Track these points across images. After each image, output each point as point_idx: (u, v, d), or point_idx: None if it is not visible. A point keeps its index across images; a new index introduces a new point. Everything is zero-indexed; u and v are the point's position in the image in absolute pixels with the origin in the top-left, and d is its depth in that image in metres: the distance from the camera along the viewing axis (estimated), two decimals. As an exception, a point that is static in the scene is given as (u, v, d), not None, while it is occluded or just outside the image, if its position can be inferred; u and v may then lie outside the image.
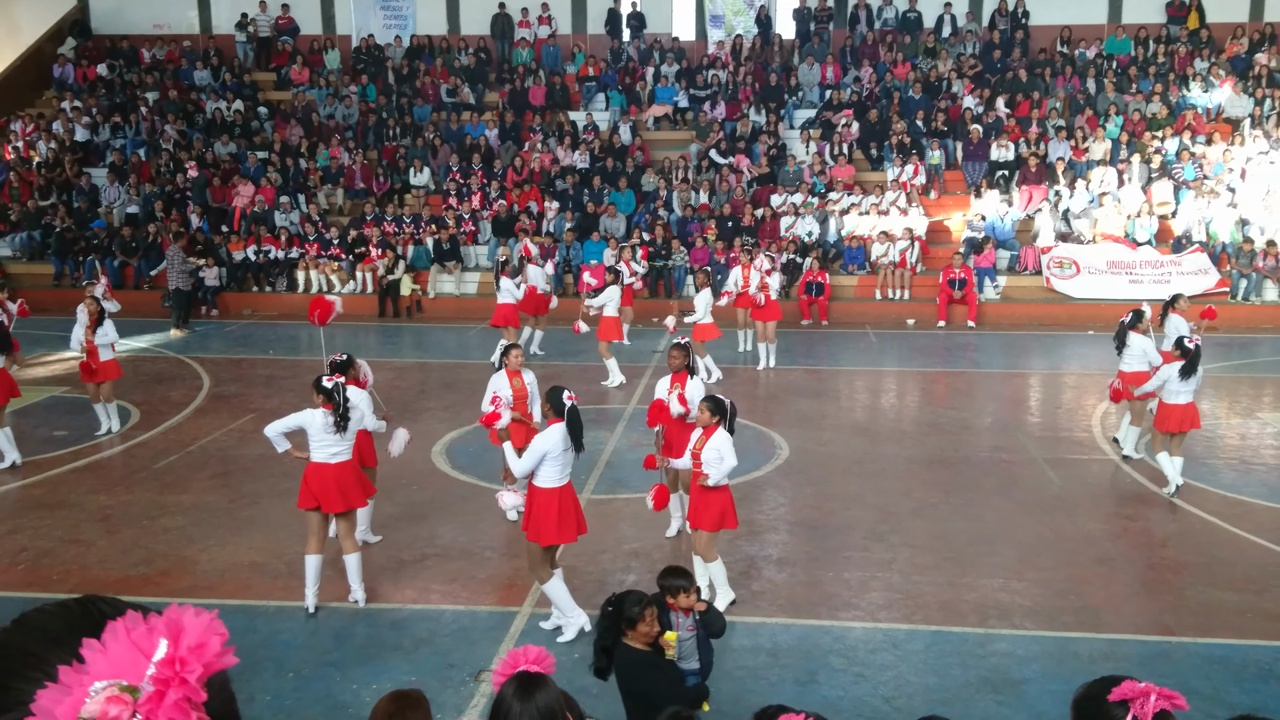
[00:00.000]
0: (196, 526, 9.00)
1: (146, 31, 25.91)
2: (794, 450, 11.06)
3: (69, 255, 20.40)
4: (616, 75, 23.97)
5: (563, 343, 16.19)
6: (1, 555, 8.40)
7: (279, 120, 23.51)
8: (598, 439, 11.45)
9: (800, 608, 7.43)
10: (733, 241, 19.38)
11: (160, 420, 12.28)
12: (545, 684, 2.80)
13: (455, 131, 22.83)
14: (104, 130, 23.43)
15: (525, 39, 24.90)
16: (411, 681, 6.17)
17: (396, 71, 24.45)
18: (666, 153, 22.25)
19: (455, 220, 20.57)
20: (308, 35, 25.47)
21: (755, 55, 24.00)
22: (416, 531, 8.92)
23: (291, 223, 20.65)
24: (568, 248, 19.96)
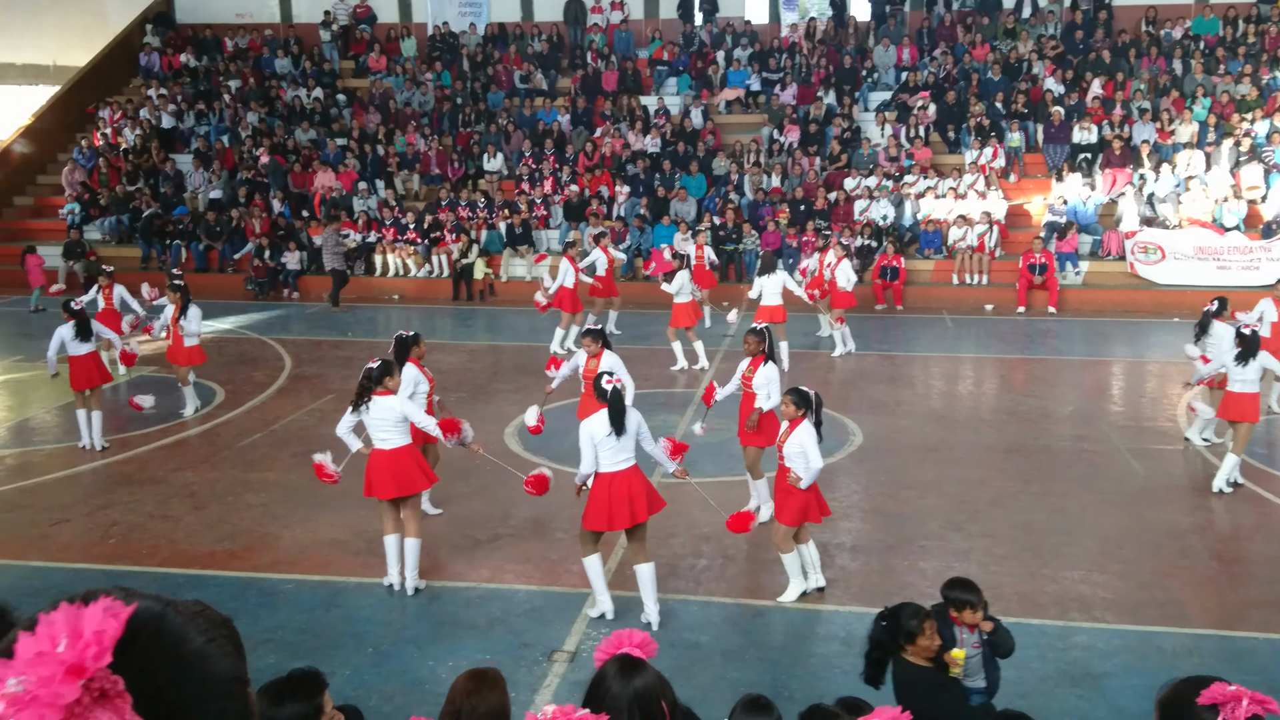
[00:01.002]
0: (279, 504, 9.21)
1: (229, 20, 26.45)
2: (868, 437, 10.96)
3: (155, 239, 20.96)
4: (689, 59, 23.88)
5: (636, 325, 16.23)
6: (93, 529, 8.70)
7: (357, 107, 23.86)
8: (668, 423, 11.46)
9: (875, 596, 7.35)
10: (805, 225, 19.22)
11: (244, 400, 12.58)
12: (645, 669, 2.83)
13: (528, 117, 22.96)
14: (189, 117, 24.00)
15: (598, 24, 24.92)
16: (486, 660, 6.26)
17: (471, 58, 24.65)
18: (738, 136, 22.11)
19: (527, 205, 20.71)
20: (385, 23, 25.78)
21: (829, 38, 23.72)
22: (489, 511, 9.03)
23: (369, 208, 20.97)
24: (639, 232, 19.98)
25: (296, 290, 20.01)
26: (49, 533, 8.65)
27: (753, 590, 7.46)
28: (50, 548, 8.33)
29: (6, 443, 11.26)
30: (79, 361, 10.44)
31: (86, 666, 0.79)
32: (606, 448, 6.77)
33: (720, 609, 7.24)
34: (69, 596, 0.88)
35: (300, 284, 20.08)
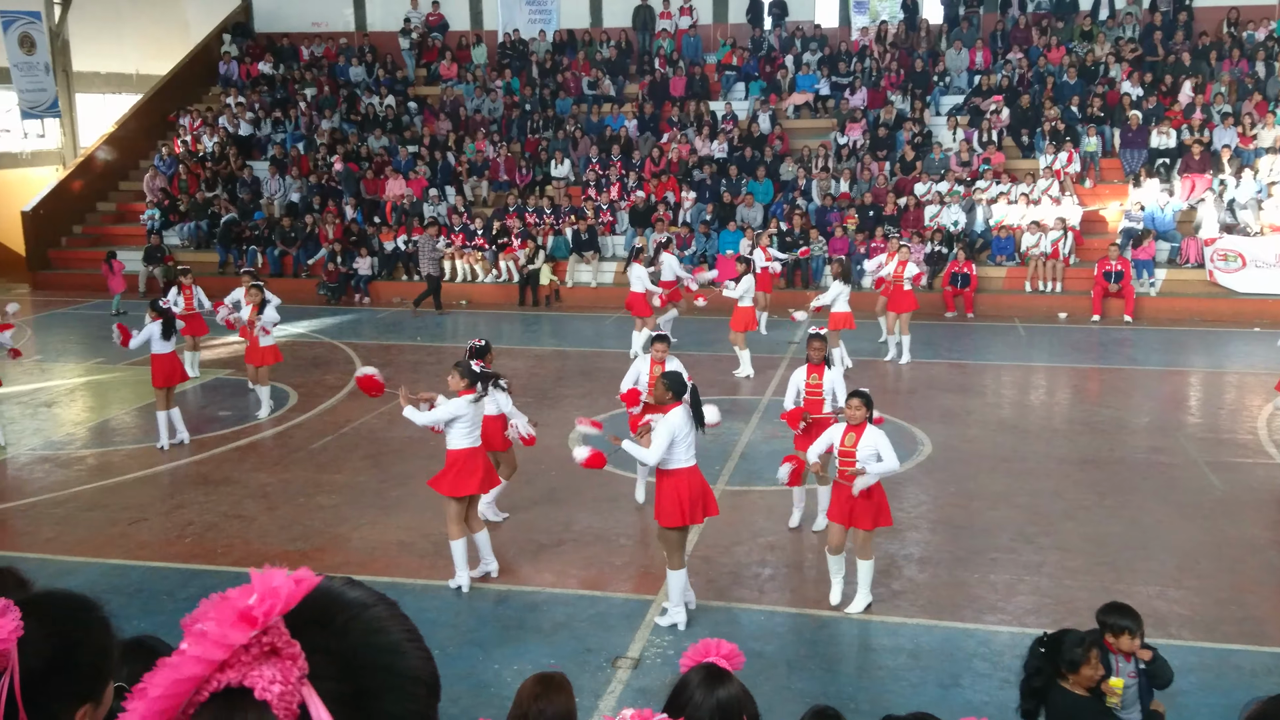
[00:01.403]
0: (349, 505, 9.36)
1: (305, 30, 26.99)
2: (937, 446, 10.81)
3: (232, 244, 21.45)
4: (757, 64, 23.81)
5: (698, 332, 16.20)
6: (170, 528, 8.92)
7: (428, 114, 24.19)
8: (732, 430, 11.42)
9: (943, 609, 7.26)
10: (874, 231, 19.04)
11: (316, 403, 12.81)
12: (730, 680, 2.80)
13: (595, 123, 23.07)
14: (265, 125, 24.53)
15: (666, 30, 24.96)
16: (550, 664, 6.29)
17: (540, 65, 24.85)
18: (806, 141, 21.98)
19: (594, 211, 20.80)
20: (456, 31, 26.11)
21: (900, 41, 23.48)
22: (554, 516, 9.08)
23: (439, 214, 21.24)
24: (705, 238, 19.96)
25: (367, 295, 20.33)
26: (127, 531, 8.88)
27: (818, 600, 7.39)
28: (129, 545, 8.56)
29: (87, 443, 11.60)
30: (161, 360, 10.75)
31: (257, 617, 0.82)
32: (684, 443, 6.80)
33: (785, 618, 7.19)
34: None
35: (371, 289, 20.39)
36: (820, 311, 13.61)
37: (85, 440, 11.71)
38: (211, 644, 0.80)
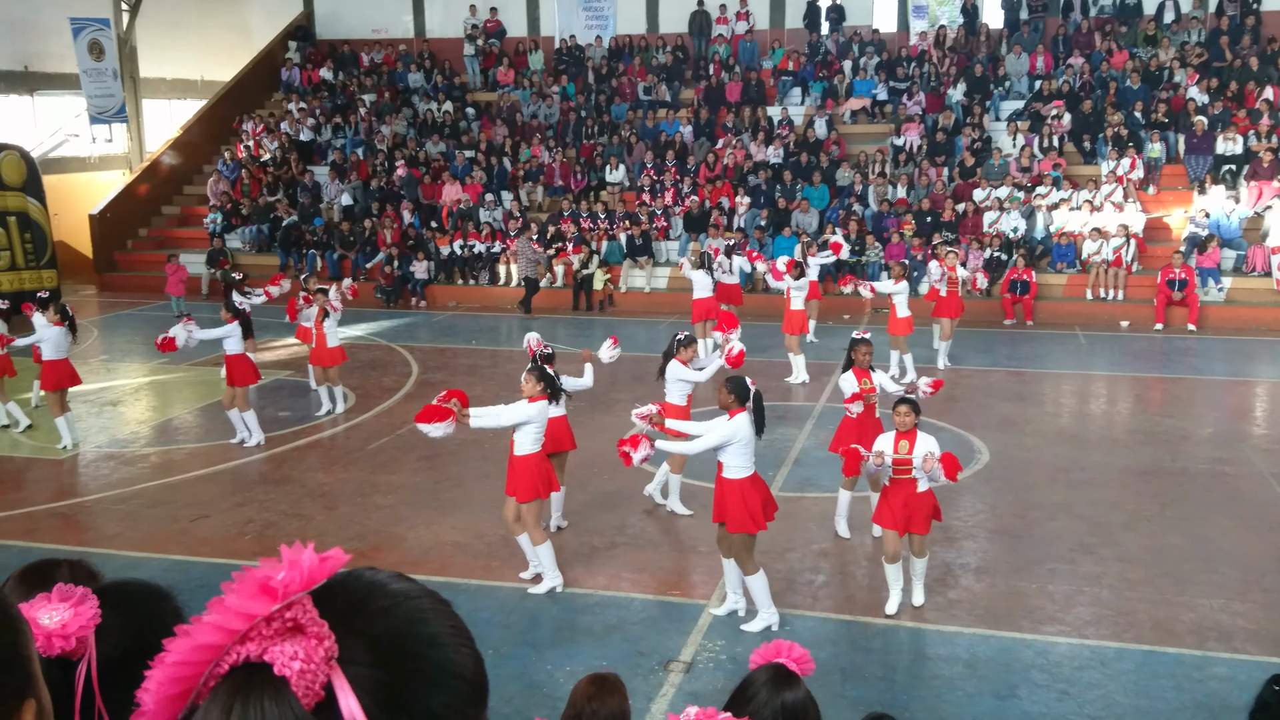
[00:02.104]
0: (405, 505, 9.47)
1: (365, 36, 27.37)
2: (994, 455, 10.67)
3: (292, 248, 21.80)
4: (813, 69, 23.71)
5: (753, 338, 16.11)
6: (231, 525, 9.08)
7: (485, 120, 24.40)
8: (786, 436, 11.39)
9: (1000, 619, 7.17)
10: (931, 237, 18.86)
11: (373, 404, 12.97)
12: (798, 684, 2.76)
13: (651, 129, 23.12)
14: (326, 130, 24.91)
15: (722, 35, 24.95)
16: (603, 665, 6.30)
17: (596, 71, 24.96)
18: (863, 146, 21.84)
19: (648, 216, 20.84)
20: (514, 37, 26.33)
21: (960, 46, 23.25)
22: (608, 519, 9.10)
23: (495, 219, 21.41)
24: (759, 244, 19.90)
25: (424, 299, 20.54)
26: (189, 528, 9.06)
27: (872, 608, 7.33)
28: (190, 542, 8.73)
29: (151, 441, 11.85)
30: (237, 361, 10.97)
31: (278, 589, 0.80)
32: (745, 450, 6.79)
33: (839, 625, 7.15)
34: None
35: (427, 292, 20.61)
36: (874, 294, 13.65)
37: (149, 438, 11.97)
38: (232, 614, 0.79)
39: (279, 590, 0.80)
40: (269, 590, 0.79)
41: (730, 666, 6.56)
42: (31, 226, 20.32)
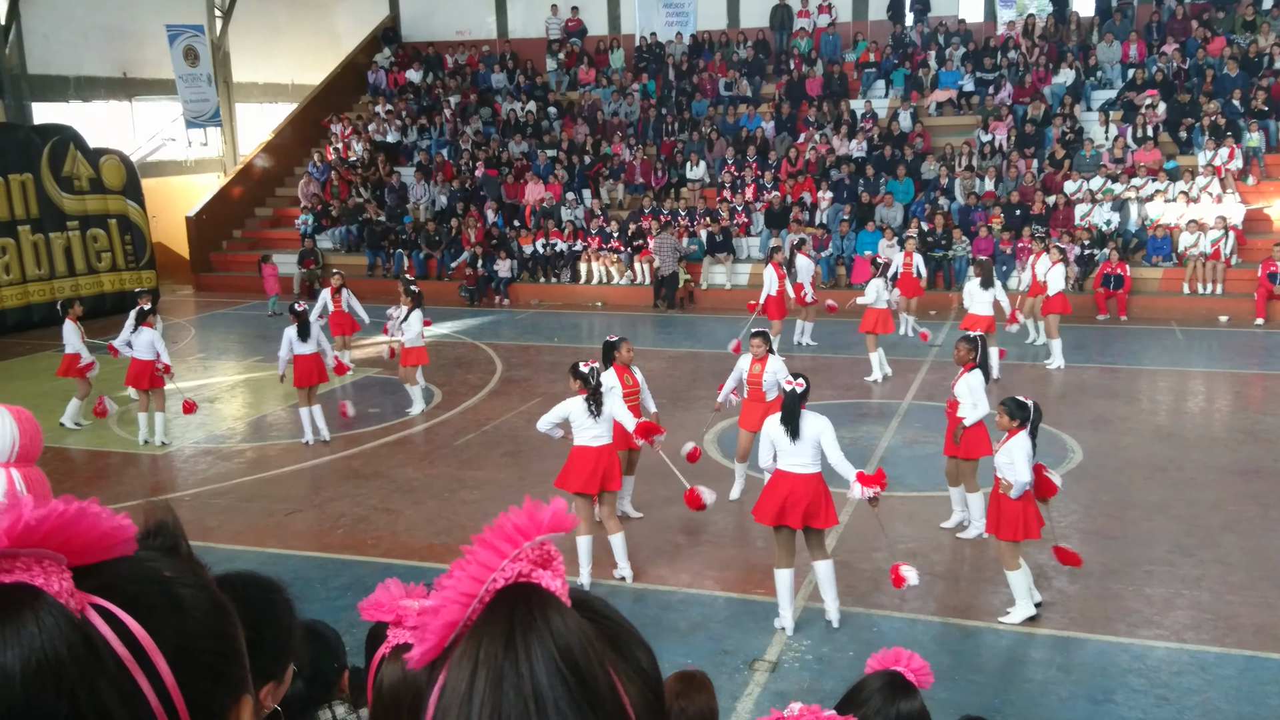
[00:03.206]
0: (490, 501, 9.59)
1: (450, 38, 27.76)
2: (1088, 454, 10.41)
3: (380, 248, 22.22)
4: (897, 61, 23.38)
5: (834, 334, 15.99)
6: (324, 519, 9.30)
7: (566, 119, 24.56)
8: (871, 434, 11.25)
9: (1096, 622, 6.99)
10: (1020, 231, 18.46)
11: (459, 401, 13.16)
12: (914, 695, 2.68)
13: (731, 125, 23.03)
14: (411, 132, 25.32)
15: (804, 29, 24.74)
16: (687, 664, 6.30)
17: (676, 67, 24.94)
18: (949, 139, 21.47)
19: (729, 212, 20.76)
20: (595, 36, 26.45)
21: (1049, 34, 22.71)
22: (690, 516, 9.08)
23: (576, 217, 21.55)
24: (841, 239, 19.71)
25: (507, 297, 20.76)
26: (284, 522, 9.30)
27: (961, 609, 7.22)
28: (285, 536, 8.96)
29: (246, 437, 12.19)
30: (300, 361, 11.21)
31: (540, 522, 0.90)
32: (783, 449, 6.76)
33: (927, 627, 7.05)
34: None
35: (510, 291, 20.83)
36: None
37: (244, 435, 12.31)
38: (504, 539, 0.88)
39: (542, 524, 0.90)
40: (535, 521, 0.90)
41: (817, 666, 6.52)
42: (131, 228, 21.06)
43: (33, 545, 0.82)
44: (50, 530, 0.82)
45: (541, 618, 0.86)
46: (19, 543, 0.81)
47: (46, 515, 0.82)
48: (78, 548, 0.84)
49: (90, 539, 0.85)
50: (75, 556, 0.84)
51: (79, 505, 0.85)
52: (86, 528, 0.84)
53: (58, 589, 0.81)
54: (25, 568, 0.81)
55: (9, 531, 0.80)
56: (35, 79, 21.57)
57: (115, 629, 0.82)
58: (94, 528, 0.85)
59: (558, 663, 0.84)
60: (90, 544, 0.85)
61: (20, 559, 0.81)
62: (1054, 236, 17.45)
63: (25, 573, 0.81)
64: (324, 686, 2.30)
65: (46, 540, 0.82)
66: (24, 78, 21.26)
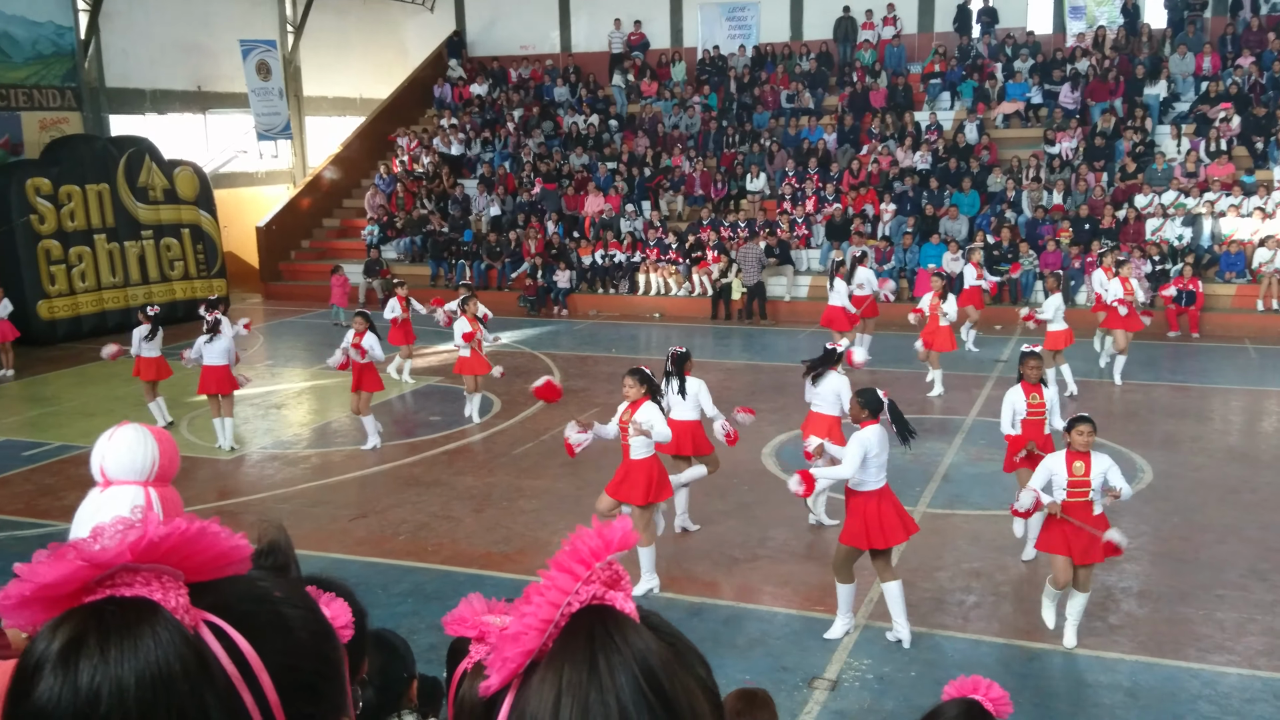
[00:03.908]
0: (549, 510, 9.63)
1: (514, 53, 28.06)
2: (1158, 474, 10.18)
3: (442, 259, 22.47)
4: (963, 73, 23.13)
5: (895, 349, 15.82)
6: (385, 526, 9.40)
7: (627, 132, 24.66)
8: (934, 450, 11.11)
9: (1164, 646, 6.82)
10: (1089, 245, 18.13)
11: (517, 410, 13.25)
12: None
13: (793, 136, 22.95)
14: (475, 145, 25.60)
15: (868, 40, 24.60)
16: (746, 680, 6.27)
17: (738, 80, 24.93)
18: (1016, 151, 21.18)
19: (788, 224, 20.66)
20: (657, 49, 26.55)
21: (1120, 46, 22.32)
22: (748, 531, 9.05)
23: (635, 229, 21.60)
24: (904, 251, 19.52)
25: (565, 307, 20.87)
26: (347, 527, 9.42)
27: (1027, 631, 7.08)
28: (348, 541, 9.08)
29: (311, 444, 12.38)
30: (356, 368, 11.40)
31: (612, 542, 0.90)
32: (875, 464, 6.69)
33: (991, 648, 6.92)
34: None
35: (569, 301, 20.93)
36: (1039, 325, 13.10)
37: (310, 440, 12.51)
38: (578, 561, 0.89)
39: (612, 544, 0.90)
40: (607, 544, 0.90)
41: (877, 686, 6.44)
42: (203, 238, 21.54)
43: (154, 560, 0.84)
44: (172, 547, 0.85)
45: (621, 639, 0.86)
46: (142, 558, 0.84)
47: (170, 532, 0.85)
48: (196, 565, 0.87)
49: (208, 557, 0.87)
50: (193, 573, 0.87)
51: (200, 524, 0.87)
52: (206, 546, 0.87)
53: (174, 604, 0.83)
54: (145, 582, 0.84)
55: (133, 547, 0.83)
56: (113, 92, 22.18)
57: (225, 646, 0.85)
58: (213, 546, 0.87)
59: (640, 683, 0.85)
60: (208, 562, 0.88)
61: (141, 574, 0.84)
62: (1123, 251, 17.10)
63: (145, 587, 0.83)
64: (394, 695, 2.32)
65: (167, 556, 0.85)
66: (102, 91, 21.88)
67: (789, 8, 25.80)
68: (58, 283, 18.83)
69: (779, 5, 25.80)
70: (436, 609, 7.53)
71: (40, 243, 18.53)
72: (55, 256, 18.82)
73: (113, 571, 0.83)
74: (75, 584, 0.83)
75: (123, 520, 0.85)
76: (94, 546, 0.82)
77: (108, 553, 0.82)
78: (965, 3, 23.83)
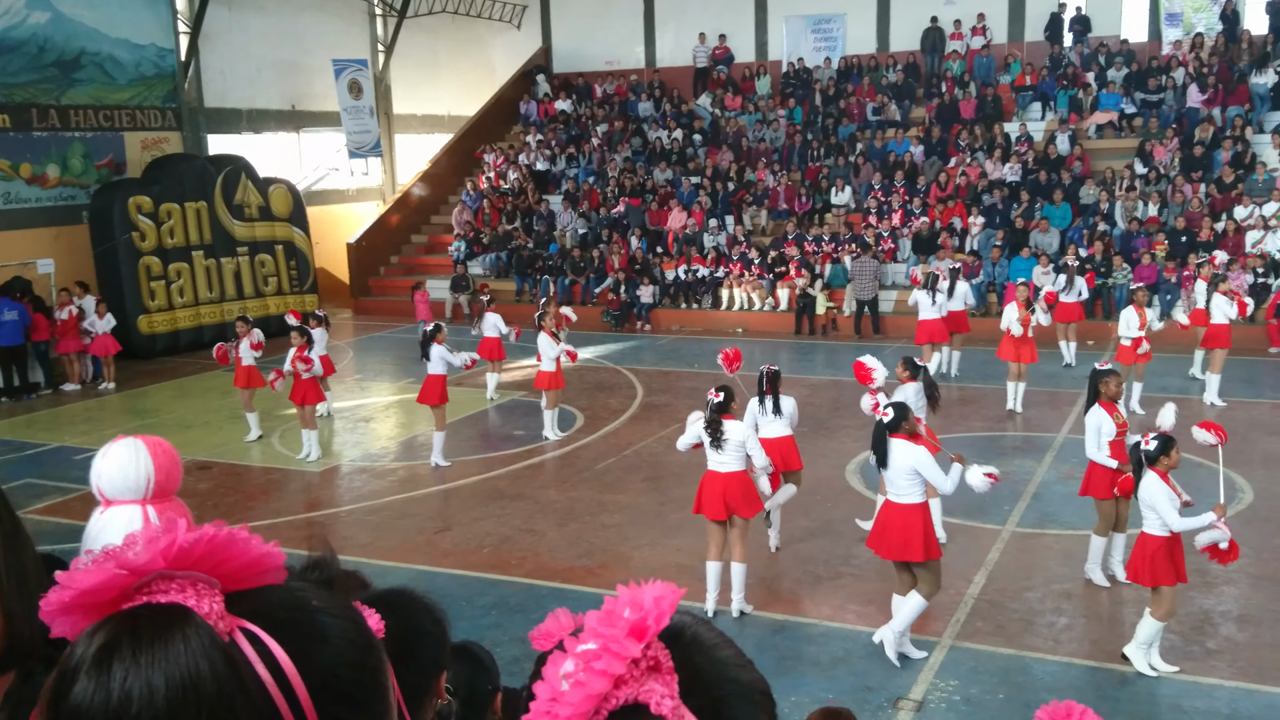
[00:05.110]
0: (631, 525, 9.65)
1: (599, 69, 28.30)
2: (1259, 494, 9.81)
3: (527, 274, 22.73)
4: (1055, 83, 22.66)
5: (983, 365, 15.52)
6: (470, 539, 9.53)
7: (711, 146, 24.67)
8: (1024, 468, 10.87)
9: (1266, 673, 6.57)
10: (1185, 258, 17.60)
11: (600, 425, 13.32)
12: None
13: (879, 149, 22.72)
14: (560, 161, 25.87)
15: (956, 51, 24.25)
16: (829, 699, 6.20)
17: (824, 93, 24.77)
18: (1109, 163, 20.66)
19: (874, 238, 20.43)
20: (741, 63, 26.53)
21: (1220, 53, 21.65)
22: (832, 548, 8.96)
23: (719, 243, 21.58)
24: (993, 265, 19.15)
25: (649, 323, 20.93)
26: (433, 540, 9.57)
27: (1118, 655, 6.87)
28: (434, 553, 9.22)
29: (398, 456, 12.60)
30: (426, 380, 11.58)
31: (649, 627, 0.85)
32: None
33: (1083, 672, 6.74)
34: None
35: (652, 316, 20.98)
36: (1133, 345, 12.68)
37: (397, 454, 12.74)
38: (612, 658, 0.84)
39: (650, 628, 0.85)
40: (641, 631, 0.85)
41: (964, 708, 6.31)
42: (296, 254, 22.13)
43: (187, 567, 0.87)
44: (203, 554, 0.87)
45: None
46: (174, 564, 0.86)
47: (199, 539, 0.87)
48: (230, 572, 0.89)
49: (240, 564, 0.89)
50: (228, 581, 0.89)
51: (229, 531, 0.89)
52: (237, 553, 0.89)
53: (208, 610, 0.85)
54: (180, 589, 0.86)
55: (165, 553, 0.86)
56: (211, 112, 22.95)
57: (260, 653, 0.86)
58: (244, 553, 0.89)
59: None
60: (241, 569, 0.89)
61: (176, 580, 0.86)
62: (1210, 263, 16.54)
63: (180, 594, 0.86)
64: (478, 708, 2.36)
65: (199, 563, 0.87)
66: (200, 111, 22.65)
67: (875, 19, 25.58)
68: (157, 298, 19.50)
69: (865, 17, 25.60)
70: (520, 622, 7.61)
71: (141, 259, 19.22)
72: (155, 273, 19.50)
73: (150, 579, 0.86)
74: (113, 591, 0.85)
75: (154, 526, 0.88)
76: (129, 554, 0.85)
77: (141, 559, 0.85)
78: (1058, 11, 23.36)
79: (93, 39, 19.94)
